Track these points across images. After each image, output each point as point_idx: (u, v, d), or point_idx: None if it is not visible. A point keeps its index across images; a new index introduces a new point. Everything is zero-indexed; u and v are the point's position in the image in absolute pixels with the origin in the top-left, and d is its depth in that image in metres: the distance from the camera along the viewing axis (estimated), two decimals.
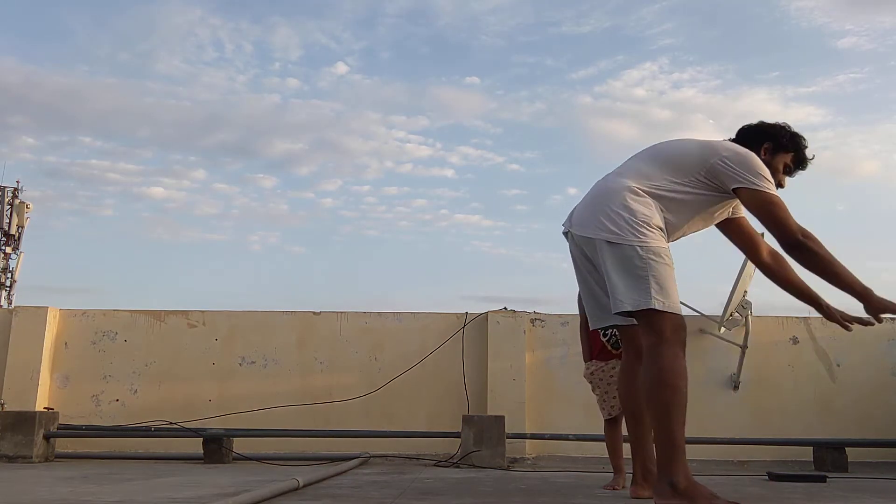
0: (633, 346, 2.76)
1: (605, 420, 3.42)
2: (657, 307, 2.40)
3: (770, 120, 2.83)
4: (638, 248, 2.44)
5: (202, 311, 5.72)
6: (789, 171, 2.82)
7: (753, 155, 2.61)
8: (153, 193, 61.48)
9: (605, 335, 3.39)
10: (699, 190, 2.59)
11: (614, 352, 3.39)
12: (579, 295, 3.02)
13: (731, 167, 2.55)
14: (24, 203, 37.19)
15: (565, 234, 2.78)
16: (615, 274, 2.46)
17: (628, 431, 2.89)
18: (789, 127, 2.80)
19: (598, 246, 2.53)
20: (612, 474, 3.39)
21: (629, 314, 2.48)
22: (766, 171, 2.58)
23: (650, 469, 2.73)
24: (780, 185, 2.75)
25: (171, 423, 5.07)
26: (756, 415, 5.31)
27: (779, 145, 2.76)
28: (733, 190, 2.56)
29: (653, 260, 2.44)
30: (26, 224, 37.13)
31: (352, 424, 5.21)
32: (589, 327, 3.05)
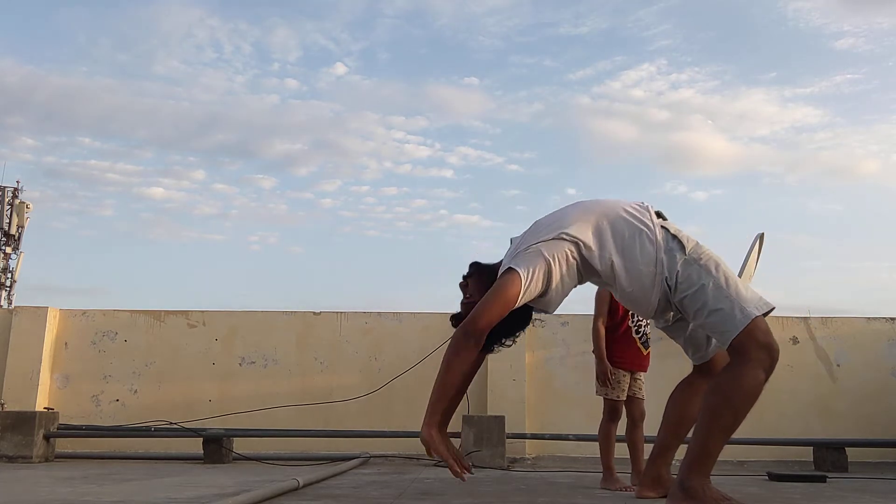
0: (707, 366, 2.73)
1: (609, 418, 3.43)
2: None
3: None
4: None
5: (202, 311, 5.72)
6: None
7: None
8: (153, 194, 61.39)
9: (637, 332, 3.46)
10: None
11: (644, 351, 3.48)
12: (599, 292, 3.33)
13: None
14: (24, 203, 37.15)
15: None
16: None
17: (659, 436, 2.77)
18: None
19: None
20: (611, 474, 3.38)
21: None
22: None
23: (664, 476, 2.74)
24: None
25: (171, 423, 5.07)
26: (755, 415, 5.23)
27: None
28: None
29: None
30: (26, 224, 37.08)
31: (352, 424, 5.21)
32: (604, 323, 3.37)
